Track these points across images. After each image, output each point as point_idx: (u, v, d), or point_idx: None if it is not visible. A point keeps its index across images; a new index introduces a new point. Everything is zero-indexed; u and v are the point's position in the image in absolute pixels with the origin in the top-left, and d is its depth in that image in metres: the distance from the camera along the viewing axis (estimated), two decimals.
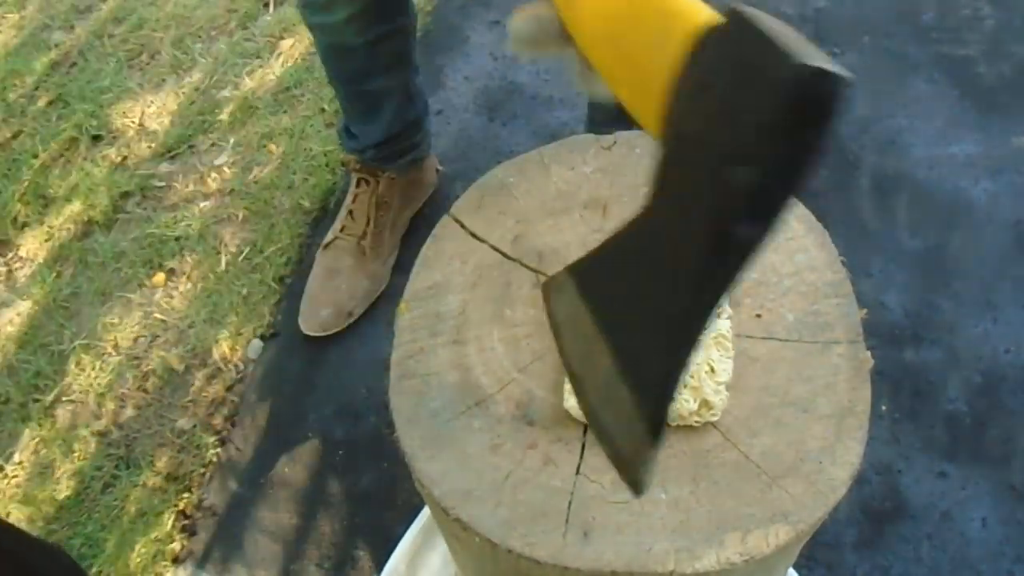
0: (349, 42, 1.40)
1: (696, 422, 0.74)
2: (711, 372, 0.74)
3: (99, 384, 1.65)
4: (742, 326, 0.80)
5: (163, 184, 1.96)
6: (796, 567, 1.31)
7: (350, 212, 1.68)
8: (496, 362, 0.79)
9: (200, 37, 2.26)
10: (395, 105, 1.55)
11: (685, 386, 0.73)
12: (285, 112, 2.05)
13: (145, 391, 1.64)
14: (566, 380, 0.76)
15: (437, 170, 1.83)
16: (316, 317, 1.63)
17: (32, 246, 1.88)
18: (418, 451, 0.75)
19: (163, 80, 2.17)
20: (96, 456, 1.56)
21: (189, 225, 1.85)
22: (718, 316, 0.77)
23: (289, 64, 2.15)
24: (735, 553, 0.67)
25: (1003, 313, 1.61)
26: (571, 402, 0.74)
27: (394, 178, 1.68)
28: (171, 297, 1.76)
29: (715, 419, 0.74)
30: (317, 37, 1.46)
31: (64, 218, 1.91)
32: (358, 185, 1.68)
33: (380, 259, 1.68)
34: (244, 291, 1.74)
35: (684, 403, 0.73)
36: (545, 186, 0.91)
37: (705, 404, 0.73)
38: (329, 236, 1.70)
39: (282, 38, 2.22)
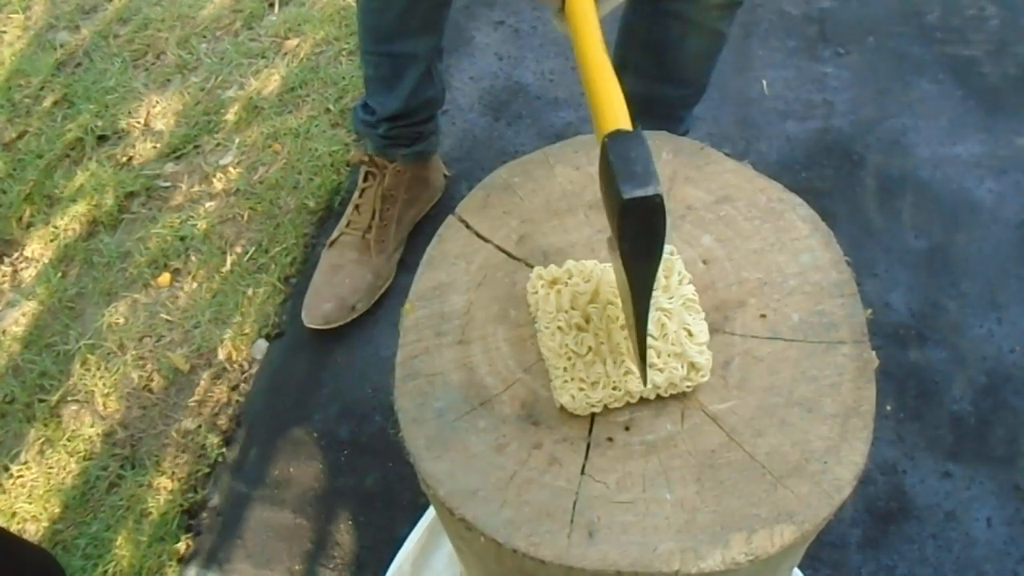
0: None
1: (688, 387, 0.75)
2: (690, 335, 0.75)
3: (104, 384, 1.65)
4: (747, 326, 0.80)
5: (168, 184, 1.96)
6: (801, 567, 1.31)
7: (356, 207, 1.70)
8: (501, 362, 0.80)
9: (205, 37, 2.26)
10: (417, 76, 1.55)
11: (670, 355, 0.74)
12: (290, 112, 2.06)
13: (150, 391, 1.64)
14: (552, 376, 0.76)
15: (445, 176, 1.84)
16: (319, 310, 1.63)
17: (37, 246, 1.89)
18: (423, 451, 0.75)
19: (168, 80, 2.17)
20: (101, 456, 1.56)
21: (194, 225, 1.86)
22: (680, 283, 0.80)
23: (294, 64, 2.16)
24: (740, 553, 0.67)
25: (1008, 313, 1.61)
26: (564, 397, 0.75)
27: (400, 170, 1.69)
28: (176, 297, 1.76)
29: (704, 379, 0.75)
30: None
31: (69, 218, 1.91)
32: (365, 179, 1.70)
33: (384, 254, 1.69)
34: (249, 291, 1.74)
35: (674, 371, 0.73)
36: (550, 186, 0.91)
37: (692, 367, 0.74)
38: (335, 233, 1.70)
39: (287, 38, 2.22)
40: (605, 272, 0.80)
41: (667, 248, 0.81)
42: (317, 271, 1.68)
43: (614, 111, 0.69)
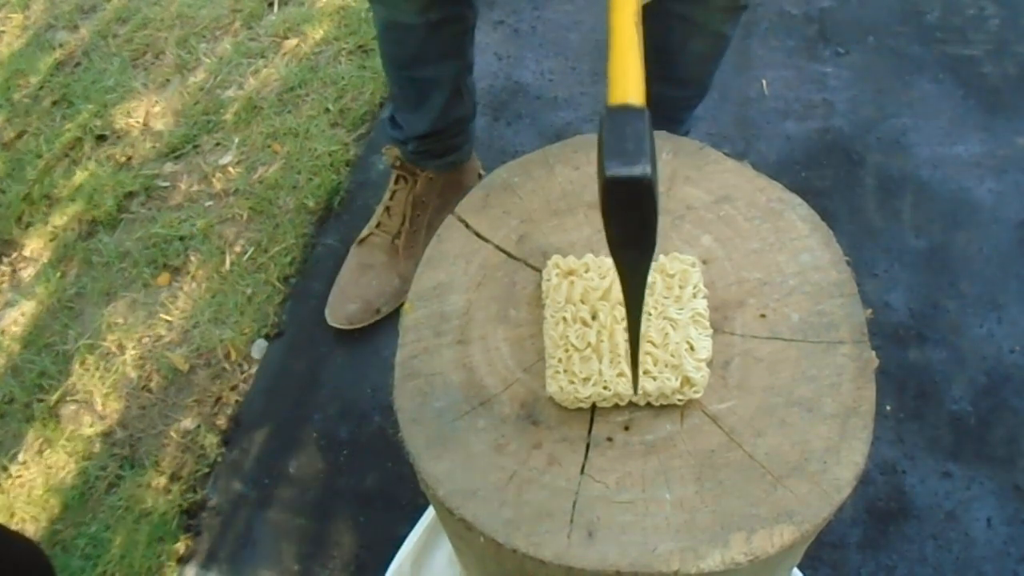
0: (408, 20, 1.37)
1: (679, 400, 0.74)
2: (691, 350, 0.75)
3: (103, 384, 1.65)
4: (747, 326, 0.80)
5: (167, 184, 1.96)
6: (801, 567, 1.31)
7: (387, 209, 1.67)
8: (500, 362, 0.80)
9: (204, 37, 2.26)
10: (444, 98, 1.51)
11: (666, 365, 0.74)
12: (290, 112, 2.05)
13: (149, 391, 1.64)
14: (547, 365, 0.76)
15: (480, 175, 1.80)
16: (343, 309, 1.62)
17: (36, 246, 1.89)
18: (423, 451, 0.75)
19: (167, 80, 2.17)
20: (100, 456, 1.56)
21: (193, 225, 1.86)
22: (695, 295, 0.78)
23: (294, 64, 2.15)
24: (740, 553, 0.67)
25: (1008, 313, 1.61)
26: (553, 387, 0.74)
27: (432, 178, 1.64)
28: (175, 297, 1.76)
29: (697, 395, 0.74)
30: (377, 12, 1.43)
31: (68, 218, 1.91)
32: (396, 182, 1.66)
33: (413, 260, 1.66)
34: (248, 291, 1.74)
35: (666, 381, 0.73)
36: (550, 186, 0.91)
37: (687, 381, 0.73)
38: (365, 231, 1.68)
39: (286, 38, 2.22)
40: None
41: (688, 259, 0.81)
42: (345, 267, 1.66)
43: (625, 84, 0.64)
